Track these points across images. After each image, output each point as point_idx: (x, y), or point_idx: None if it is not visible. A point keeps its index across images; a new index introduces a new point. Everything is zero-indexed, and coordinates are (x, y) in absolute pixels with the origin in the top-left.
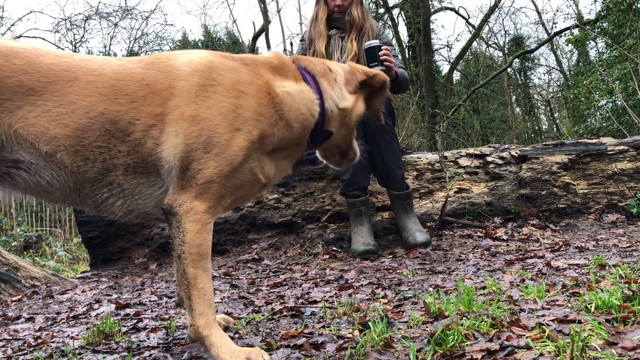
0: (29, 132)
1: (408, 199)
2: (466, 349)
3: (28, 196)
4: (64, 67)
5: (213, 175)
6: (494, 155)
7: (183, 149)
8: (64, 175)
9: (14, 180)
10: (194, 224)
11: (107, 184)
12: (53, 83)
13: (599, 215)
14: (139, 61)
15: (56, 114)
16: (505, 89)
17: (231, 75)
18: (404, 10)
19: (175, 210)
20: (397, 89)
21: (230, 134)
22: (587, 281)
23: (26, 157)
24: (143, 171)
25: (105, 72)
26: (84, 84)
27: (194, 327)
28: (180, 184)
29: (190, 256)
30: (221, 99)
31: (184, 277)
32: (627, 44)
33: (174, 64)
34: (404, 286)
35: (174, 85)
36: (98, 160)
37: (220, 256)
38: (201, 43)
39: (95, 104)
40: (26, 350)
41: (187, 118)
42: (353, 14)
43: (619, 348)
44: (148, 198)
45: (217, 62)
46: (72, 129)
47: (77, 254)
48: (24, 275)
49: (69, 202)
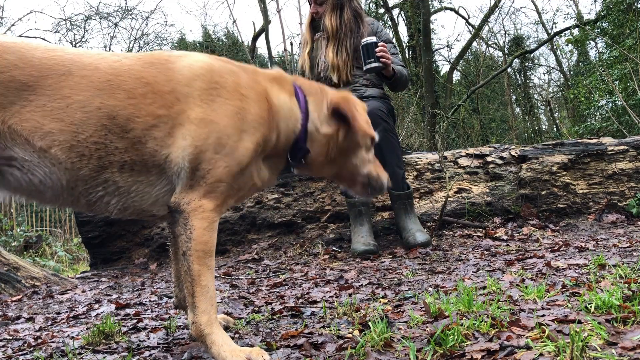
0: (23, 128)
1: (408, 199)
2: (466, 349)
3: (18, 196)
4: (57, 61)
5: (222, 175)
6: (494, 155)
7: (192, 150)
8: (58, 172)
9: (5, 179)
10: (202, 221)
11: (102, 182)
12: (46, 77)
13: (599, 215)
14: (136, 59)
15: (50, 108)
16: (505, 89)
17: (232, 79)
18: (404, 10)
19: (183, 208)
20: (395, 87)
21: (238, 136)
22: (587, 281)
23: (20, 153)
24: (141, 169)
25: (101, 66)
26: (78, 78)
27: (196, 325)
28: (189, 184)
29: (196, 253)
30: (225, 102)
31: (188, 274)
32: (627, 44)
33: (174, 67)
34: (404, 286)
35: (177, 89)
36: (94, 156)
37: (220, 256)
38: (199, 44)
39: (91, 98)
40: (26, 350)
41: (194, 121)
42: (326, 24)
43: (619, 348)
44: (145, 196)
45: (217, 65)
46: (67, 124)
47: (77, 254)
48: (24, 275)
49: (61, 202)
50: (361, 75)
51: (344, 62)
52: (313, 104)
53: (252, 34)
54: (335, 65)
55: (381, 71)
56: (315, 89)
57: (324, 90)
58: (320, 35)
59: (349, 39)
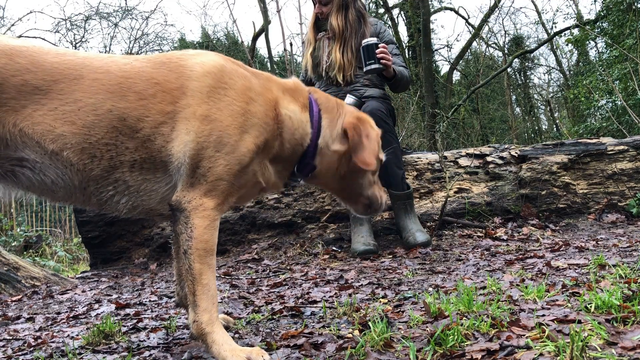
0: (35, 131)
1: (408, 199)
2: (466, 349)
3: (30, 194)
4: (68, 65)
5: (223, 173)
6: (494, 155)
7: (194, 146)
8: (70, 174)
9: (18, 178)
10: (203, 219)
11: (113, 182)
12: (58, 81)
13: (599, 215)
14: (147, 60)
15: (62, 112)
16: (505, 89)
17: (242, 82)
18: (404, 10)
19: (184, 206)
20: (396, 88)
21: (240, 135)
22: (587, 281)
23: (31, 155)
24: (150, 167)
25: (112, 69)
26: (89, 81)
27: (197, 324)
28: (190, 181)
29: (197, 251)
30: (232, 102)
31: (189, 272)
32: (627, 44)
33: (186, 64)
34: (404, 286)
35: (186, 85)
36: (105, 157)
37: (220, 256)
38: (198, 44)
39: (103, 101)
40: (26, 350)
41: (198, 117)
42: (332, 24)
43: (619, 348)
44: (153, 194)
45: (228, 67)
46: (79, 127)
47: (77, 254)
48: (24, 275)
49: (72, 201)
50: (362, 75)
51: (349, 62)
52: (327, 120)
53: (252, 34)
54: (341, 65)
55: (381, 72)
56: (332, 106)
57: (341, 107)
58: (324, 34)
59: (354, 39)
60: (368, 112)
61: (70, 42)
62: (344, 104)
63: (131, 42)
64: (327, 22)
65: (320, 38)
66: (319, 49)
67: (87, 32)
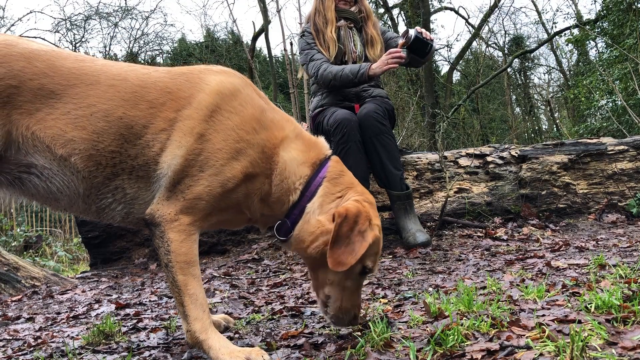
0: (46, 135)
1: (408, 199)
2: (466, 349)
3: (34, 202)
4: (86, 70)
5: (203, 193)
6: (494, 155)
7: (181, 162)
8: (75, 181)
9: (25, 185)
10: (179, 234)
11: (113, 189)
12: (74, 86)
13: (599, 215)
14: (167, 71)
15: (75, 116)
16: (505, 89)
17: (251, 111)
18: (404, 10)
19: (157, 220)
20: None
21: (227, 161)
22: (587, 281)
23: (40, 161)
24: (143, 175)
25: (129, 77)
26: (105, 87)
27: (190, 333)
28: (167, 195)
29: (178, 264)
30: (232, 127)
31: (174, 285)
32: (627, 44)
33: (204, 78)
34: (404, 286)
35: (194, 95)
36: (109, 165)
37: (220, 256)
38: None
39: (115, 108)
40: (26, 350)
41: (195, 134)
42: (366, 6)
43: (619, 348)
44: (143, 203)
45: (244, 92)
46: (89, 132)
47: (77, 254)
48: (24, 275)
49: (73, 210)
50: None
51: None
52: (325, 189)
53: (252, 34)
54: (373, 40)
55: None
56: (340, 180)
57: (351, 187)
58: (345, 23)
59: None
60: (364, 115)
61: (70, 42)
62: (357, 188)
63: (131, 42)
64: (348, 7)
65: (342, 26)
66: (345, 38)
67: (87, 32)
